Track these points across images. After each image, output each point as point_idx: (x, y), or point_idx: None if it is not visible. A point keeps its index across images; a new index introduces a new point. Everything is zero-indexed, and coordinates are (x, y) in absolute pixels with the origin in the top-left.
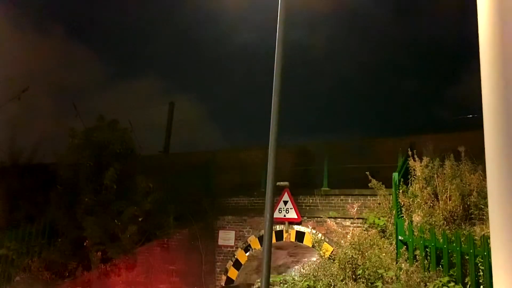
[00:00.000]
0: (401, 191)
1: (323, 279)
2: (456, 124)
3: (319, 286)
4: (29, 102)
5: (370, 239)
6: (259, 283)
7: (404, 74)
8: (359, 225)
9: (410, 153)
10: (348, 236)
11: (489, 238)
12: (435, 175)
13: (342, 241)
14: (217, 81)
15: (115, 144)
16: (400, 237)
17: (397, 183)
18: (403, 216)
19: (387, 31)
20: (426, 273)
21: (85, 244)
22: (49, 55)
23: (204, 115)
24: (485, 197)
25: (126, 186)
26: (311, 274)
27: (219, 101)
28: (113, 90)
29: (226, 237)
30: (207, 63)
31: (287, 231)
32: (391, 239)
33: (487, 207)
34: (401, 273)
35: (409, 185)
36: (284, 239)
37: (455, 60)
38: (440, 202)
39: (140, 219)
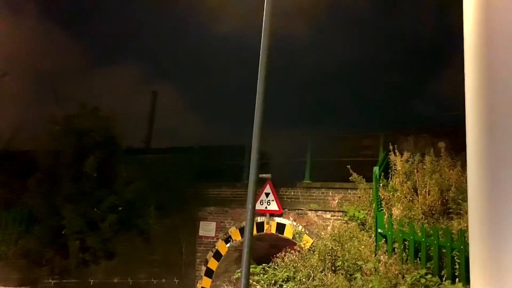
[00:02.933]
0: (381, 185)
1: (303, 270)
2: (437, 120)
3: (298, 277)
4: (5, 86)
5: (350, 232)
6: (239, 273)
7: (387, 68)
8: (339, 217)
9: (391, 147)
10: (329, 228)
11: (465, 232)
12: (415, 170)
13: (322, 233)
14: (200, 70)
15: (97, 132)
16: (379, 230)
17: (378, 177)
18: (382, 210)
19: (372, 24)
20: (404, 265)
21: (63, 232)
22: (24, 37)
23: (187, 105)
24: (463, 192)
25: (106, 175)
26: (290, 265)
27: (202, 91)
28: (93, 76)
29: (207, 228)
30: (190, 52)
31: (268, 223)
32: (371, 232)
33: (465, 202)
34: (379, 265)
35: (390, 179)
36: (265, 231)
37: (439, 56)
38: (420, 197)
39: (120, 208)
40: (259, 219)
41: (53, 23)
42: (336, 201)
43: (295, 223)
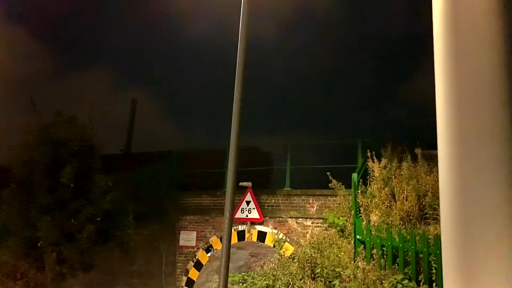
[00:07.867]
0: (360, 191)
1: (282, 278)
2: (413, 125)
3: (278, 285)
4: None
5: (330, 239)
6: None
7: (362, 74)
8: (319, 224)
9: (369, 154)
10: (307, 235)
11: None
12: (393, 176)
13: (301, 240)
14: (175, 76)
15: (74, 141)
16: (358, 236)
17: (356, 184)
18: (361, 216)
19: (344, 30)
20: (382, 271)
21: (39, 245)
22: None
23: (162, 111)
24: (439, 198)
25: (84, 185)
26: (270, 273)
27: (178, 97)
28: (64, 82)
29: (188, 238)
30: (165, 57)
31: (249, 231)
32: (350, 239)
33: None
34: (358, 271)
35: (368, 185)
36: (246, 239)
37: (412, 61)
38: (397, 203)
39: (98, 219)
40: (240, 227)
41: (23, 28)
42: (315, 207)
43: (275, 231)
